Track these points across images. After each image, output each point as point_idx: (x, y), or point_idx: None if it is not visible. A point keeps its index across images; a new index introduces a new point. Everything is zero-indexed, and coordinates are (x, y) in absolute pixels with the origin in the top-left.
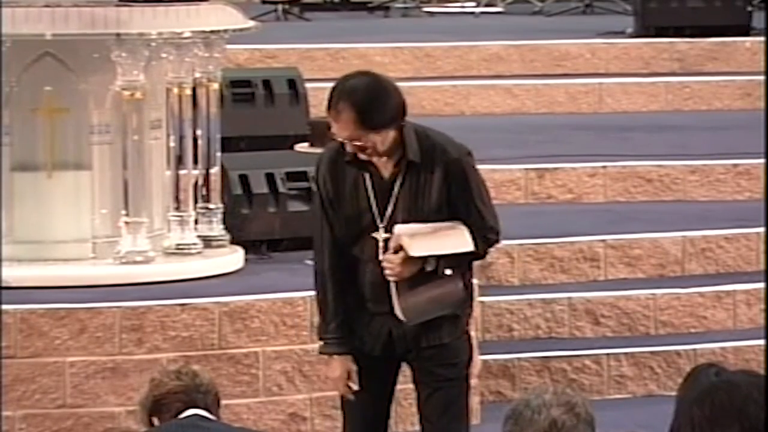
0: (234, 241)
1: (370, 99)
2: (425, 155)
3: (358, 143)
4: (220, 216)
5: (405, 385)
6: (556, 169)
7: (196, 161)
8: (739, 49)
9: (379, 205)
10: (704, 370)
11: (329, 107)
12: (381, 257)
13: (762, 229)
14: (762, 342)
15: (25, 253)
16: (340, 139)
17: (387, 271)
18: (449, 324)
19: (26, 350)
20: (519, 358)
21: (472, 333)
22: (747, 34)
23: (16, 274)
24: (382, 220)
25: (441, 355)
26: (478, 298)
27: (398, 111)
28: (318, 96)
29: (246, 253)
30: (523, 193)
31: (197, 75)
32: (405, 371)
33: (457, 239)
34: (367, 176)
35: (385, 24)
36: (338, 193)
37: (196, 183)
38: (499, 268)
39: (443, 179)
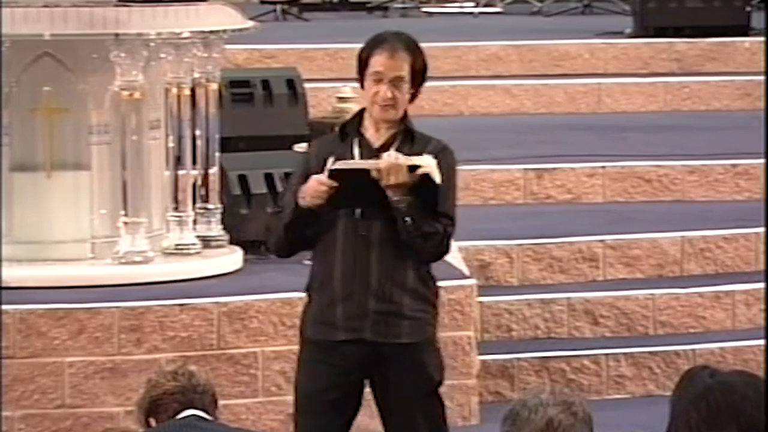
0: (233, 242)
1: (417, 46)
2: (421, 136)
3: (394, 91)
4: (218, 216)
5: None
6: (554, 169)
7: (194, 161)
8: (738, 49)
9: None
10: (698, 373)
11: (375, 48)
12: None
13: (761, 229)
14: (761, 342)
15: (24, 253)
16: (382, 80)
17: (384, 159)
18: (409, 323)
19: (25, 350)
20: (518, 359)
21: (471, 333)
22: (746, 35)
23: (15, 274)
24: None
25: (408, 364)
26: (477, 298)
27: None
28: (317, 96)
29: (245, 253)
30: (521, 194)
31: (196, 75)
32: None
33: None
34: (355, 142)
35: (383, 24)
36: (324, 162)
37: (194, 183)
38: (498, 268)
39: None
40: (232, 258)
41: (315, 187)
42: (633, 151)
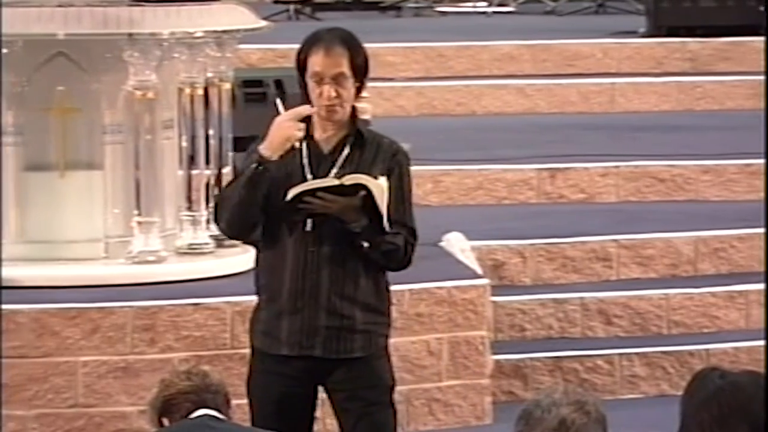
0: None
1: (354, 39)
2: (372, 138)
3: (337, 88)
4: None
5: (414, 385)
6: (568, 168)
7: (208, 161)
8: (751, 48)
9: (314, 174)
10: (708, 374)
11: (310, 47)
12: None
13: None
14: None
15: (37, 253)
16: (323, 79)
17: (317, 202)
18: (362, 337)
19: (38, 350)
20: (531, 358)
21: (484, 333)
22: (759, 34)
23: (28, 274)
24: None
25: (360, 375)
26: (490, 298)
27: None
28: None
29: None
30: (535, 193)
31: (209, 75)
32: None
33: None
34: (304, 148)
35: (396, 24)
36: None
37: (208, 183)
38: (511, 268)
39: (385, 166)
40: (245, 257)
41: (285, 127)
42: (646, 150)
